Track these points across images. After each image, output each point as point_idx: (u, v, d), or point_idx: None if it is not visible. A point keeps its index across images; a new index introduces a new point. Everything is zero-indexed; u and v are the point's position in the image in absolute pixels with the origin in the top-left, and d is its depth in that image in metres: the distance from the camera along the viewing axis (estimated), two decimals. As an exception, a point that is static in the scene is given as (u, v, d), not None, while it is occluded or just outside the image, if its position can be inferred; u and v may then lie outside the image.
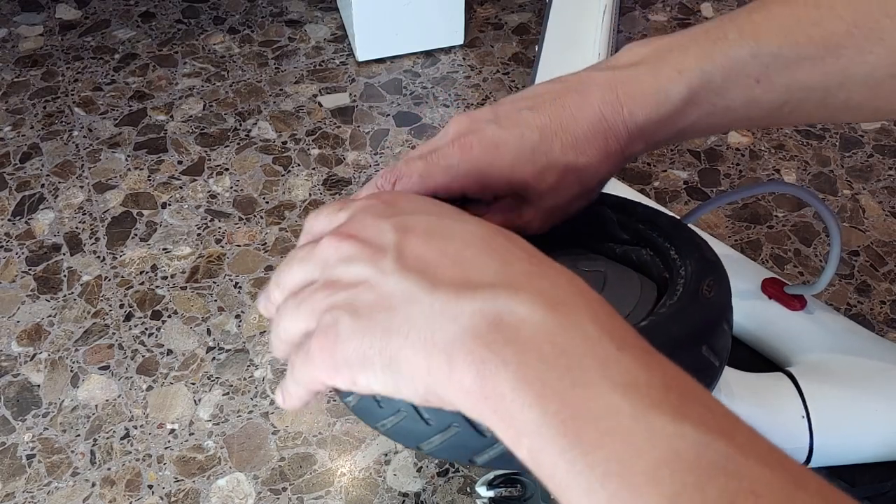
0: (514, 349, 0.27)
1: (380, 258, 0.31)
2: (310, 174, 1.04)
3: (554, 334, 0.27)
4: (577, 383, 0.26)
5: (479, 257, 0.30)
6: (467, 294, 0.29)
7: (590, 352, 0.27)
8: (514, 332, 0.27)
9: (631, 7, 1.33)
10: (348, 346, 0.31)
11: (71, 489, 0.75)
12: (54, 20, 1.29)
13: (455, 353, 0.28)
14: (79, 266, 0.94)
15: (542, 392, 0.26)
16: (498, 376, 0.27)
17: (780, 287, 0.63)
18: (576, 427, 0.25)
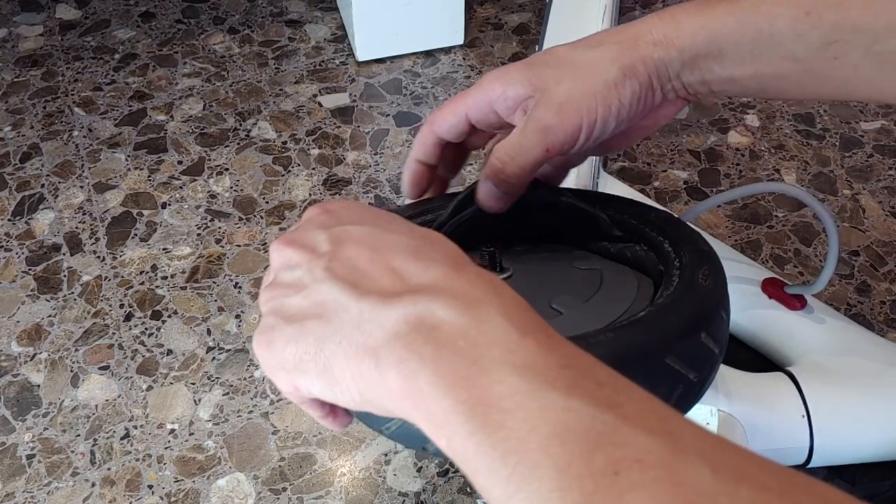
0: (432, 347, 0.29)
1: (314, 265, 0.33)
2: (310, 174, 1.04)
3: (467, 329, 0.29)
4: (484, 371, 0.28)
5: (404, 265, 0.32)
6: (392, 300, 0.31)
7: (496, 341, 0.29)
8: (433, 332, 0.29)
9: (631, 7, 1.33)
10: (285, 352, 0.33)
11: (71, 489, 0.75)
12: (54, 20, 1.29)
13: (381, 356, 0.30)
14: (79, 266, 0.94)
15: (454, 382, 0.28)
16: (417, 373, 0.29)
17: (781, 287, 0.63)
18: (481, 411, 0.27)
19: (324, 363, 0.31)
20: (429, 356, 0.29)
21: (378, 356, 0.29)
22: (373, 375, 0.30)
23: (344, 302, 0.31)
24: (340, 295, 0.32)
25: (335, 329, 0.31)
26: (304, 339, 0.32)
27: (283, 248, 0.35)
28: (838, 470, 0.56)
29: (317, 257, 0.34)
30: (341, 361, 0.31)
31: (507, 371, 0.28)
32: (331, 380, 0.31)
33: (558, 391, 0.27)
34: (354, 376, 0.30)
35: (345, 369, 0.31)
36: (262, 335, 0.34)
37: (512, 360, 0.28)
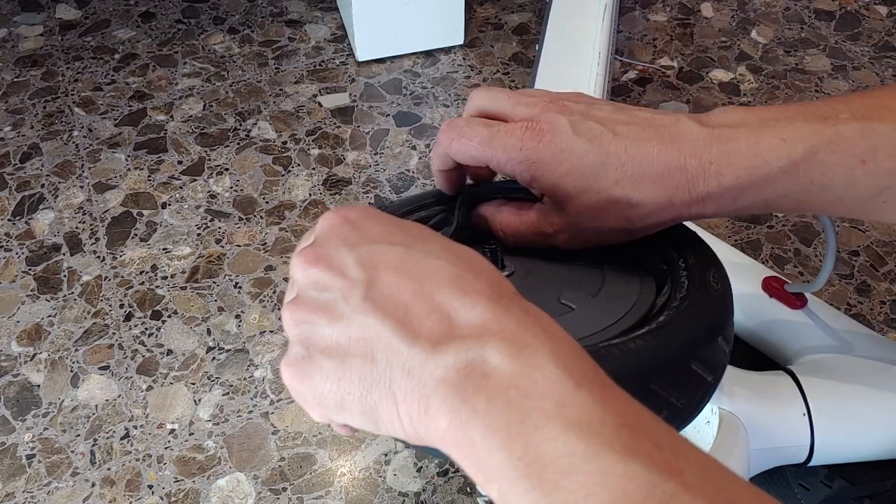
0: (484, 397, 0.28)
1: (350, 292, 0.31)
2: (310, 174, 1.04)
3: (519, 379, 0.28)
4: (538, 426, 0.27)
5: (449, 301, 0.31)
6: (443, 347, 0.29)
7: (549, 392, 0.28)
8: (484, 381, 0.28)
9: (631, 7, 1.33)
10: (324, 388, 0.31)
11: (71, 489, 0.75)
12: (54, 20, 1.29)
13: (431, 403, 0.29)
14: (79, 266, 0.94)
15: (508, 437, 0.27)
16: (469, 424, 0.28)
17: (781, 286, 0.63)
18: (536, 470, 0.26)
19: (370, 406, 0.30)
20: (481, 408, 0.28)
21: (428, 403, 0.29)
22: (422, 420, 0.29)
23: (394, 345, 0.30)
24: (389, 336, 0.30)
25: (383, 372, 0.30)
26: (348, 378, 0.31)
27: (309, 267, 0.33)
28: (839, 469, 0.56)
29: (351, 284, 0.32)
30: (389, 405, 0.30)
31: (562, 427, 0.27)
32: (375, 420, 0.31)
33: (616, 454, 0.26)
34: (403, 420, 0.30)
35: (392, 413, 0.30)
36: (293, 367, 0.32)
37: (566, 414, 0.27)
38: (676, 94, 1.17)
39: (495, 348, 0.29)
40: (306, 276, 0.33)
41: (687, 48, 1.25)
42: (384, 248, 0.32)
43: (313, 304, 0.32)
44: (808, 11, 1.32)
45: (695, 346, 0.37)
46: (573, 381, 0.28)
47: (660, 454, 0.26)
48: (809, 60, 1.22)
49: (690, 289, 0.40)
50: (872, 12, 1.31)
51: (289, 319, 0.33)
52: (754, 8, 1.33)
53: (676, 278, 0.42)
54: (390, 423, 0.30)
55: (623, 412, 0.27)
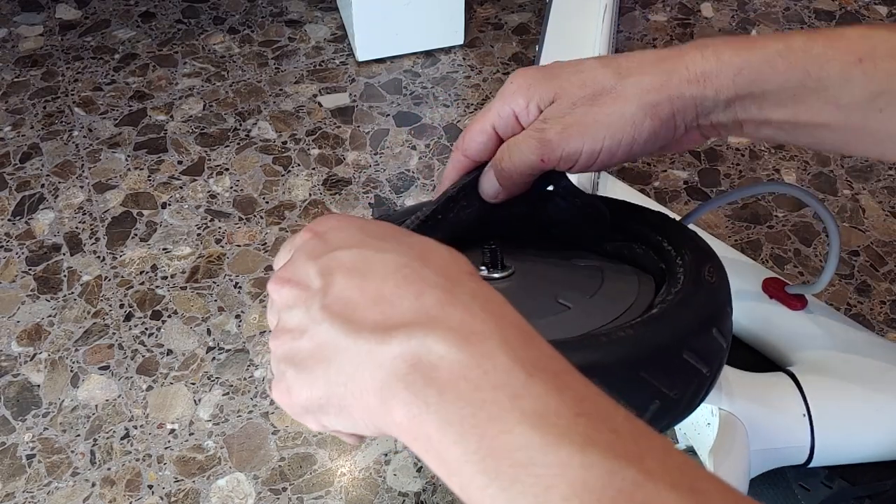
0: (434, 390, 0.28)
1: (311, 303, 0.32)
2: (310, 174, 1.04)
3: (468, 369, 0.28)
4: (491, 418, 0.27)
5: (395, 292, 0.31)
6: (386, 338, 0.29)
7: (501, 383, 0.27)
8: (432, 372, 0.28)
9: (631, 7, 1.33)
10: (301, 397, 0.32)
11: (71, 489, 0.75)
12: (54, 20, 1.29)
13: (386, 396, 0.29)
14: (79, 266, 0.94)
15: (462, 431, 0.27)
16: (422, 418, 0.28)
17: (781, 287, 0.63)
18: (493, 464, 0.26)
19: (337, 405, 0.31)
20: (433, 401, 0.28)
21: (382, 396, 0.29)
22: (381, 414, 0.29)
23: (341, 343, 0.31)
24: (337, 335, 0.31)
25: (338, 372, 0.31)
26: (315, 384, 0.32)
27: (280, 289, 0.34)
28: (839, 469, 0.56)
29: (311, 295, 0.32)
30: (351, 402, 0.30)
31: (517, 419, 0.26)
32: (349, 418, 0.31)
33: (574, 444, 0.26)
34: (366, 415, 0.30)
35: (356, 409, 0.30)
36: (277, 385, 0.34)
37: (521, 406, 0.27)
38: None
39: (441, 337, 0.29)
40: (280, 298, 0.34)
41: (687, 48, 1.25)
42: (341, 253, 0.33)
43: (287, 323, 0.33)
44: (808, 11, 1.32)
45: (687, 335, 0.37)
46: (525, 371, 0.28)
47: (619, 441, 0.26)
48: (809, 60, 1.22)
49: (685, 283, 0.40)
50: (872, 12, 1.31)
51: (273, 346, 0.34)
52: (754, 8, 1.33)
53: (673, 275, 0.42)
54: (361, 419, 0.31)
55: (580, 399, 0.27)
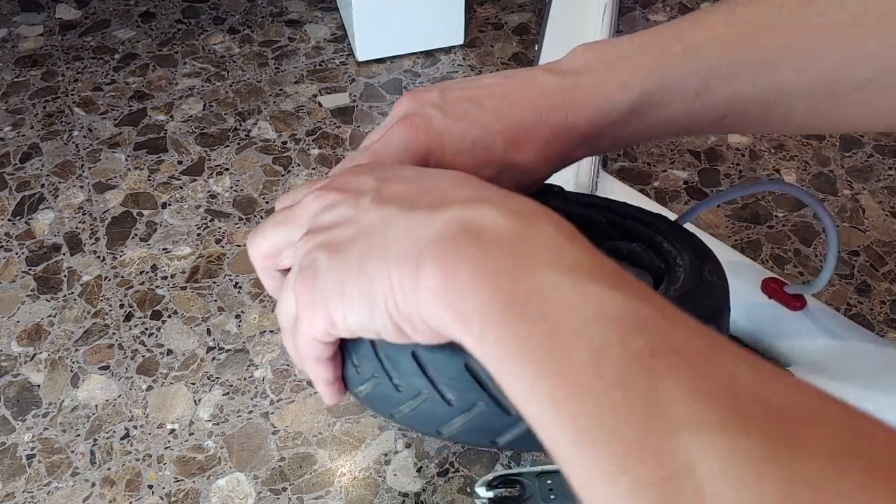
0: (478, 245, 0.29)
1: (360, 199, 0.33)
2: (310, 174, 1.04)
3: (515, 234, 0.29)
4: (529, 268, 0.28)
5: (453, 187, 0.32)
6: (441, 208, 0.30)
7: (545, 246, 0.28)
8: (479, 232, 0.29)
9: (631, 7, 1.33)
10: (326, 281, 0.32)
11: (71, 489, 0.75)
12: (54, 20, 1.29)
13: (423, 257, 0.29)
14: (79, 266, 0.94)
15: (496, 277, 0.28)
16: (459, 269, 0.28)
17: (781, 287, 0.63)
18: (521, 300, 0.27)
19: (365, 281, 0.31)
20: (473, 254, 0.28)
21: (420, 258, 0.29)
22: (411, 281, 0.29)
23: (392, 216, 0.31)
24: (389, 213, 0.31)
25: (379, 242, 0.31)
26: (348, 261, 0.31)
27: (326, 193, 0.35)
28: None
29: (362, 194, 0.33)
30: (382, 272, 0.30)
31: (553, 269, 0.27)
32: (371, 300, 0.31)
33: (603, 285, 0.27)
34: (394, 288, 0.30)
35: (385, 281, 0.30)
36: (302, 273, 0.33)
37: (559, 261, 0.28)
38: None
39: (494, 209, 0.30)
40: (324, 201, 0.34)
41: (687, 48, 1.25)
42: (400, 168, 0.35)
43: (329, 220, 0.34)
44: (808, 11, 1.32)
45: None
46: (568, 240, 0.29)
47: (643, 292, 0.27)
48: (809, 60, 1.22)
49: (685, 280, 0.41)
50: (872, 12, 1.31)
51: (299, 245, 0.34)
52: (754, 8, 1.33)
53: (673, 273, 0.43)
54: (383, 296, 0.30)
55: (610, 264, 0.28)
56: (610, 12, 1.06)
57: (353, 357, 0.37)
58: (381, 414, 0.37)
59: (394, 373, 0.35)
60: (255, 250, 0.38)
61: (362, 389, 0.37)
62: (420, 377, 0.34)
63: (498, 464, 0.77)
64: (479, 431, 0.35)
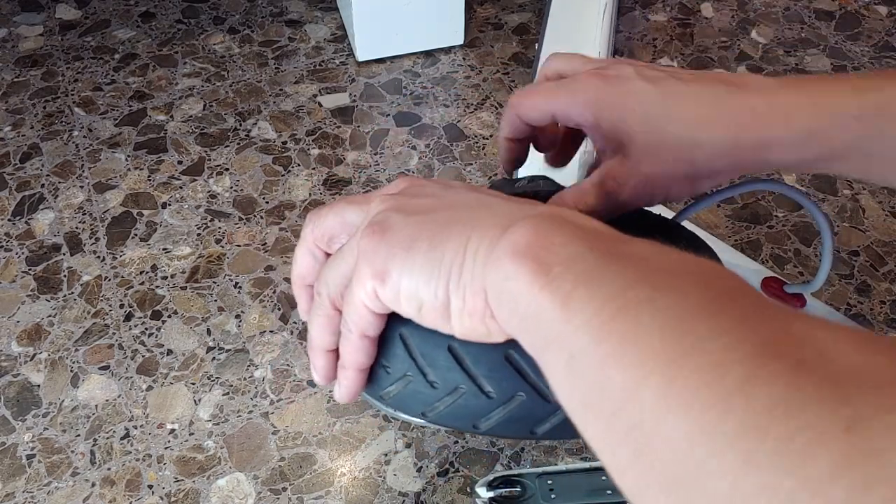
0: (574, 225, 0.29)
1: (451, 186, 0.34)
2: (310, 174, 1.04)
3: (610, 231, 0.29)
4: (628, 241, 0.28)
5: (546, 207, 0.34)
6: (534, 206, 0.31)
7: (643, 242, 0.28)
8: (573, 221, 0.29)
9: (631, 7, 1.33)
10: (398, 235, 0.31)
11: (71, 489, 0.75)
12: (54, 20, 1.29)
13: (515, 223, 0.29)
14: (79, 266, 0.94)
15: (592, 241, 0.28)
16: (551, 231, 0.28)
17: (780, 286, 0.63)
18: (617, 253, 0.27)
19: (440, 241, 0.30)
20: (568, 228, 0.28)
21: (510, 226, 0.29)
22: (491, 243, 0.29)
23: (488, 202, 0.31)
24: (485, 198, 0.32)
25: (469, 217, 0.31)
26: (430, 223, 0.31)
27: (412, 181, 0.35)
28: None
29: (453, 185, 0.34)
30: (461, 237, 0.30)
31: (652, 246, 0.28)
32: (435, 263, 0.30)
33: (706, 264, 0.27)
34: (467, 253, 0.29)
35: (460, 247, 0.30)
36: (374, 224, 0.32)
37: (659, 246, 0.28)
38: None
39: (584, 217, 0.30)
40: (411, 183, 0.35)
41: (687, 48, 1.25)
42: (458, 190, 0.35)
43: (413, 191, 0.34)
44: (808, 11, 1.32)
45: None
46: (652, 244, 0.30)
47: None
48: (809, 60, 1.22)
49: None
50: (872, 12, 1.31)
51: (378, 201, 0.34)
52: (754, 8, 1.33)
53: None
54: (450, 262, 0.30)
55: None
56: (609, 12, 1.06)
57: (381, 357, 0.36)
58: (410, 413, 0.36)
59: (428, 369, 0.35)
60: (317, 226, 0.37)
61: (391, 390, 0.36)
62: (458, 371, 0.34)
63: (498, 464, 0.77)
64: (518, 422, 0.35)
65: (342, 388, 0.37)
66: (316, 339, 0.37)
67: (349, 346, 0.35)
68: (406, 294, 0.31)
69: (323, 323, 0.36)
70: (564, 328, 0.25)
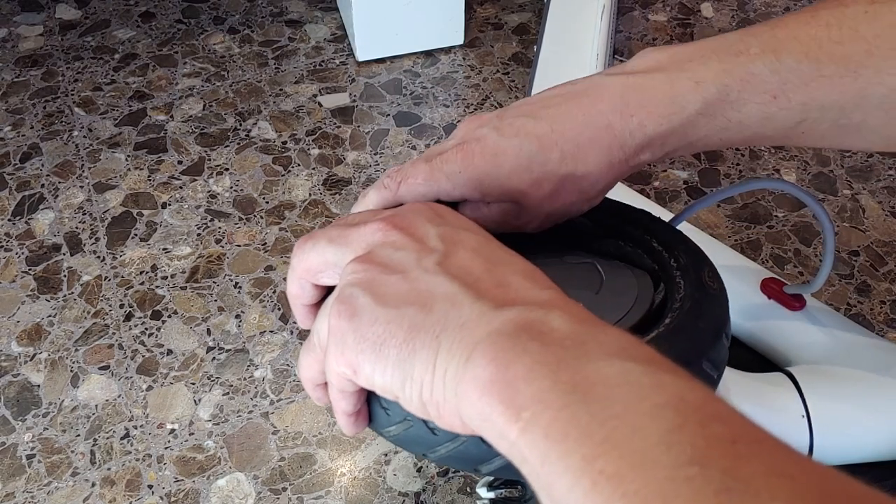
0: (538, 343, 0.27)
1: (425, 255, 0.32)
2: (310, 174, 1.04)
3: (579, 334, 0.28)
4: (595, 358, 0.26)
5: (521, 282, 0.31)
6: (506, 306, 0.29)
7: (612, 343, 0.27)
8: (541, 333, 0.28)
9: (630, 7, 1.33)
10: (369, 330, 0.31)
11: (71, 489, 0.75)
12: (54, 20, 1.29)
13: (476, 349, 0.28)
14: (79, 266, 0.94)
15: (557, 368, 0.26)
16: (514, 362, 0.27)
17: (780, 287, 0.63)
18: (584, 388, 0.25)
19: (408, 353, 0.30)
20: (532, 349, 0.27)
21: (473, 350, 0.28)
22: (457, 373, 0.28)
23: (458, 298, 0.30)
24: (455, 291, 0.30)
25: (437, 321, 0.29)
26: (397, 323, 0.30)
27: (390, 230, 0.34)
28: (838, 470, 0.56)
29: (428, 251, 0.32)
30: (430, 353, 0.29)
31: (623, 359, 0.26)
32: (406, 372, 0.30)
33: (679, 376, 0.25)
34: (436, 373, 0.29)
35: (429, 364, 0.29)
36: (343, 304, 0.31)
37: (629, 353, 0.26)
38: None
39: (560, 315, 0.29)
40: (386, 237, 0.34)
41: (687, 48, 1.25)
42: (466, 233, 0.34)
43: (386, 259, 0.33)
44: (808, 11, 1.32)
45: (705, 347, 0.37)
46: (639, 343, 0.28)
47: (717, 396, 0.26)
48: (809, 60, 1.22)
49: (688, 289, 0.41)
50: (872, 12, 1.31)
51: (350, 269, 0.33)
52: (754, 8, 1.33)
53: (670, 277, 0.43)
54: (420, 375, 0.29)
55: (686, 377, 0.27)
56: (608, 12, 1.06)
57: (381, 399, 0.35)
58: (414, 453, 0.37)
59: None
60: (301, 261, 0.37)
61: (391, 430, 0.36)
62: None
63: (498, 464, 0.77)
64: (462, 460, 0.35)
65: (342, 426, 0.37)
66: (304, 372, 0.37)
67: (332, 394, 0.35)
68: (381, 389, 0.31)
69: (311, 362, 0.37)
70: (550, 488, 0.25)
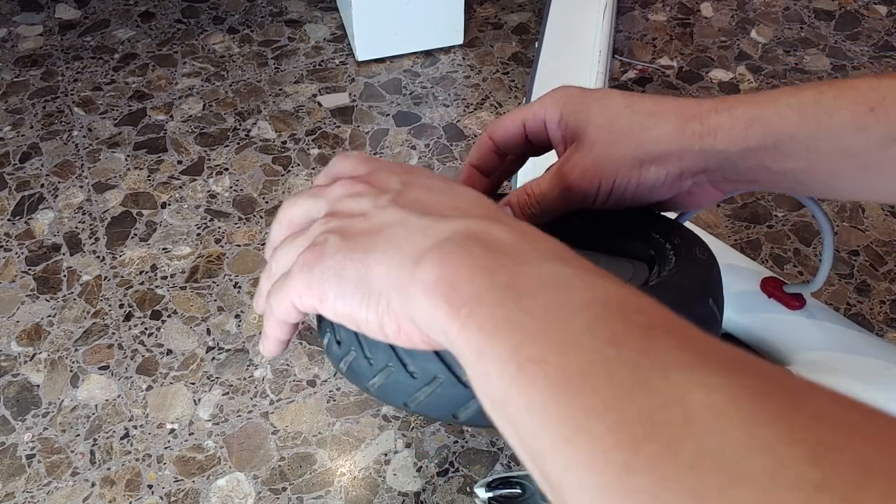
0: (482, 248, 0.29)
1: (380, 197, 0.35)
2: (310, 174, 1.04)
3: (520, 243, 0.30)
4: (531, 261, 0.28)
5: (470, 204, 0.33)
6: (451, 219, 0.32)
7: (548, 250, 0.29)
8: (485, 240, 0.30)
9: (630, 7, 1.33)
10: (329, 260, 0.33)
11: (71, 489, 0.75)
12: (54, 20, 1.29)
13: (424, 255, 0.30)
14: (79, 266, 0.94)
15: (495, 270, 0.28)
16: (457, 265, 0.29)
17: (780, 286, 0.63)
18: (521, 286, 0.27)
19: (365, 270, 0.32)
20: (475, 254, 0.29)
21: (421, 258, 0.30)
22: (407, 276, 0.30)
23: (407, 219, 0.32)
24: (404, 215, 0.33)
25: (386, 238, 0.32)
26: (354, 249, 0.33)
27: (353, 184, 0.36)
28: (837, 470, 0.56)
29: (385, 192, 0.35)
30: (383, 266, 0.31)
31: (556, 262, 0.28)
32: (365, 289, 0.32)
33: (608, 278, 0.27)
34: (391, 283, 0.31)
35: (384, 277, 0.31)
36: (312, 248, 0.34)
37: (562, 257, 0.28)
38: (676, 93, 1.17)
39: (502, 227, 0.30)
40: (346, 189, 0.36)
41: (687, 48, 1.25)
42: (426, 178, 0.36)
43: (351, 207, 0.35)
44: (807, 11, 1.32)
45: (687, 301, 0.38)
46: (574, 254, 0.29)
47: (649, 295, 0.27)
48: (809, 60, 1.22)
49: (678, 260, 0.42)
50: (872, 12, 1.31)
51: (316, 225, 0.36)
52: (754, 7, 1.33)
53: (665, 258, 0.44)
54: (378, 288, 0.31)
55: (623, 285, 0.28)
56: (609, 12, 1.06)
57: (364, 349, 0.37)
58: (395, 404, 0.38)
59: (408, 359, 0.36)
60: (286, 213, 0.40)
61: (375, 381, 0.38)
62: (434, 361, 0.35)
63: (498, 464, 0.77)
64: (440, 404, 0.37)
65: (265, 347, 0.39)
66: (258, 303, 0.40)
67: (270, 324, 0.38)
68: (343, 313, 0.33)
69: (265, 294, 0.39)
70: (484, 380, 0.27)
